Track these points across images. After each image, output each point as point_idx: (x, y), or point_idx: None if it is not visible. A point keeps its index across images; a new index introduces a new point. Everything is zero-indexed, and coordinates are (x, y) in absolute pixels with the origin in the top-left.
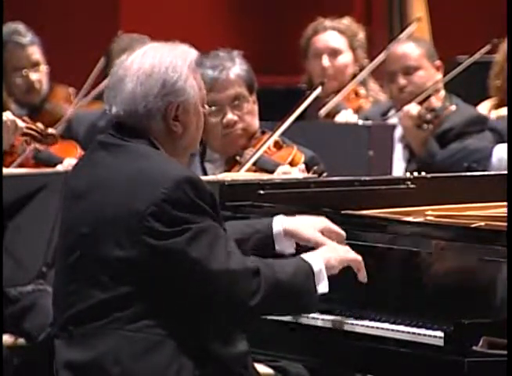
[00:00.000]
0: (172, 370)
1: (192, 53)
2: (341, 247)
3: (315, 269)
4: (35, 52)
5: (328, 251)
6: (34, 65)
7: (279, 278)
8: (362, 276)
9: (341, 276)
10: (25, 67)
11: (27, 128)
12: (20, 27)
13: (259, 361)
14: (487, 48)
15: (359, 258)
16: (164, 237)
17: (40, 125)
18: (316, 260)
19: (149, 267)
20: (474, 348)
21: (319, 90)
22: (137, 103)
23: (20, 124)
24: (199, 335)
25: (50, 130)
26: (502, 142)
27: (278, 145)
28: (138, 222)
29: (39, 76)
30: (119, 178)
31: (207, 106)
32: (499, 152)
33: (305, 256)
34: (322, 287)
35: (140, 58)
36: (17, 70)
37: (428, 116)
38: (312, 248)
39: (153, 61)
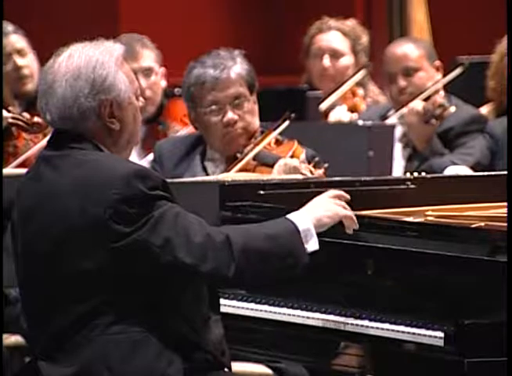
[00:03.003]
0: (162, 363)
1: (117, 48)
2: (331, 202)
3: (301, 227)
4: (19, 41)
5: (317, 207)
6: (20, 51)
7: (256, 242)
8: (350, 230)
9: (341, 277)
10: (11, 54)
11: (13, 118)
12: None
13: (259, 361)
14: (459, 70)
15: (351, 214)
16: (127, 236)
17: (26, 115)
18: (303, 218)
19: (121, 269)
20: None
21: (286, 124)
22: (69, 107)
23: (5, 114)
24: (180, 324)
25: (36, 119)
26: (494, 149)
27: (278, 142)
28: (99, 229)
29: (27, 62)
30: (66, 190)
31: (213, 107)
32: (449, 173)
33: (291, 215)
34: (312, 244)
35: (66, 61)
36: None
37: (437, 111)
38: None
39: (79, 62)
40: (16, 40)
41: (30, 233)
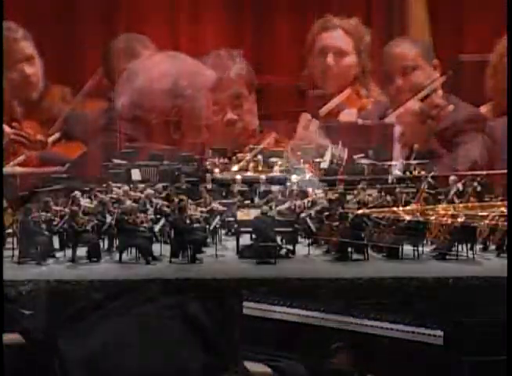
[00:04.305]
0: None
1: (211, 75)
2: None
3: None
4: (28, 46)
5: None
6: (28, 58)
7: None
8: None
9: (340, 276)
10: (19, 61)
11: (15, 134)
12: (11, 23)
13: (259, 361)
14: (443, 78)
15: None
16: None
17: (29, 131)
18: None
19: None
20: None
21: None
22: (144, 96)
23: (8, 130)
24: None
25: (38, 136)
26: (493, 148)
27: (278, 142)
28: None
29: (34, 70)
30: None
31: (213, 107)
32: None
33: None
34: None
35: (159, 58)
36: (12, 64)
37: (433, 111)
38: None
39: (171, 64)
40: (25, 46)
41: None
